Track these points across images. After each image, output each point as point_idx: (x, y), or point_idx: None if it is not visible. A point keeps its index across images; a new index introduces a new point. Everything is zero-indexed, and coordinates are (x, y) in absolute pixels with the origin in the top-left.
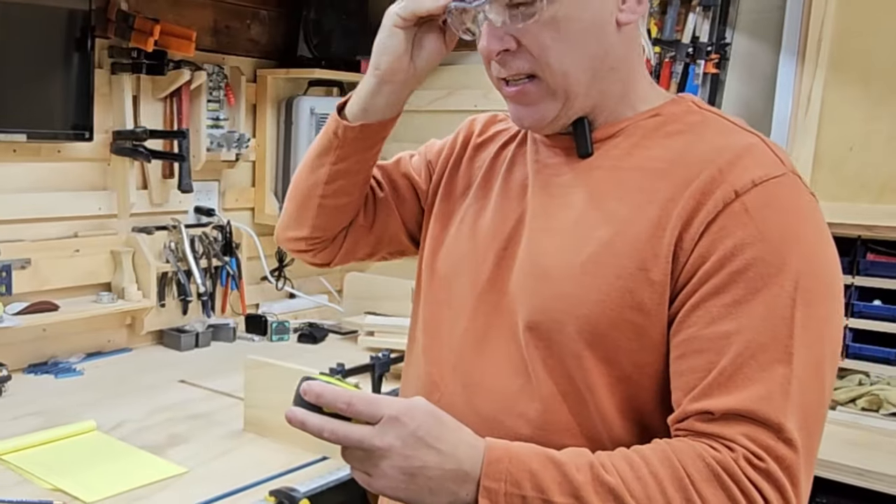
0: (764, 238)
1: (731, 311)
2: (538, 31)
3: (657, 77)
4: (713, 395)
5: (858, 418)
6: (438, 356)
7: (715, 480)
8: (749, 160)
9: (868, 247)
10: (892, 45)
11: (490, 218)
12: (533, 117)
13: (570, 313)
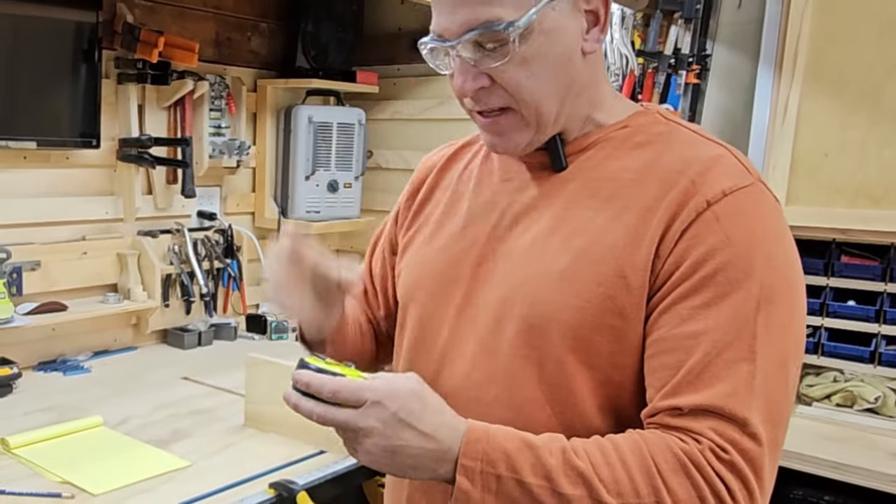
0: (732, 244)
1: (700, 313)
2: (511, 70)
3: (640, 87)
4: (682, 392)
5: (833, 414)
6: (422, 373)
7: (681, 470)
8: (718, 171)
9: (842, 249)
10: (864, 57)
11: (462, 236)
12: (506, 145)
13: (553, 319)
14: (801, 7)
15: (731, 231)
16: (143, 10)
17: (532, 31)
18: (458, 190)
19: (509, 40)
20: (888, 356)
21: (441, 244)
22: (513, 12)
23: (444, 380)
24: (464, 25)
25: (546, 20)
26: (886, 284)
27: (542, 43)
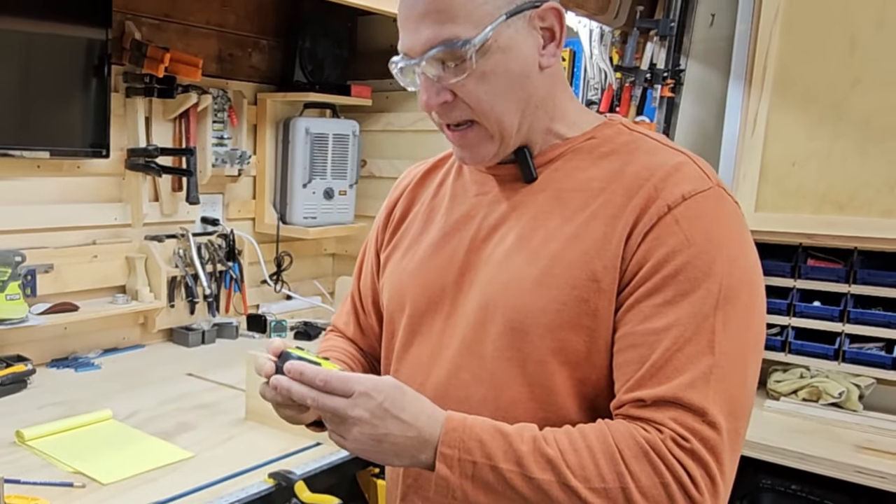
0: (691, 245)
1: (662, 311)
2: (471, 85)
3: (618, 100)
4: (645, 385)
5: (800, 408)
6: (410, 378)
7: (644, 457)
8: (679, 177)
9: (808, 253)
10: (829, 72)
11: (443, 249)
12: (474, 157)
13: (533, 322)
14: (769, 25)
15: (690, 233)
16: (150, 27)
17: (489, 49)
18: (433, 206)
19: (467, 57)
20: (851, 354)
21: (421, 256)
22: (470, 30)
23: (434, 383)
24: (426, 44)
25: (502, 37)
26: (850, 286)
27: (499, 59)
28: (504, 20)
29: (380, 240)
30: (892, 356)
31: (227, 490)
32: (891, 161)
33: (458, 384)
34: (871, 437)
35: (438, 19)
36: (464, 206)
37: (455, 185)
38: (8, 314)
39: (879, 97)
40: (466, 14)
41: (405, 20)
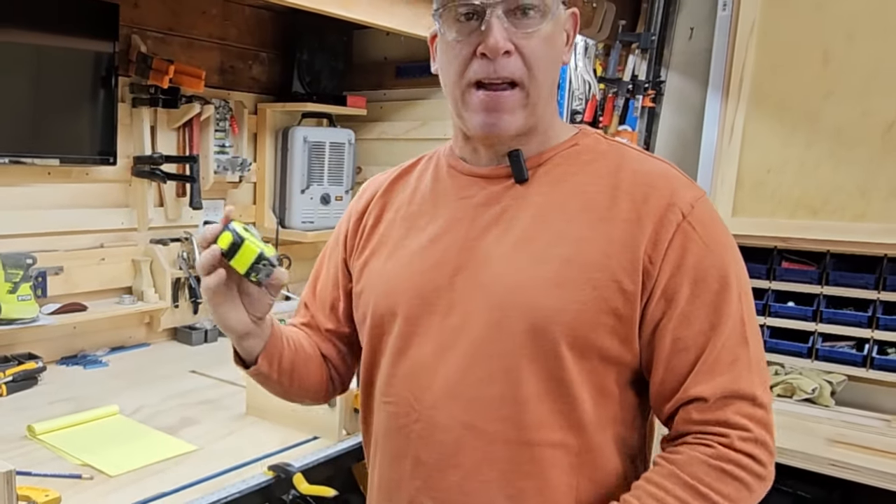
0: (711, 251)
1: (704, 313)
2: (536, 42)
3: (602, 110)
4: (702, 382)
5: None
6: (410, 381)
7: (724, 475)
8: (678, 185)
9: (783, 256)
10: (802, 83)
11: (432, 251)
12: (499, 124)
13: (555, 322)
14: (745, 39)
15: (706, 239)
16: (156, 41)
17: (556, 17)
18: (412, 212)
19: (549, 9)
20: (824, 352)
21: (408, 259)
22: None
23: (442, 383)
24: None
25: (560, 15)
26: (822, 287)
27: (555, 32)
28: (561, 3)
29: (349, 247)
30: (863, 354)
31: (229, 482)
32: (862, 168)
33: (470, 383)
34: (843, 432)
35: None
36: (449, 210)
37: (436, 190)
38: (20, 314)
39: (851, 107)
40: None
41: None
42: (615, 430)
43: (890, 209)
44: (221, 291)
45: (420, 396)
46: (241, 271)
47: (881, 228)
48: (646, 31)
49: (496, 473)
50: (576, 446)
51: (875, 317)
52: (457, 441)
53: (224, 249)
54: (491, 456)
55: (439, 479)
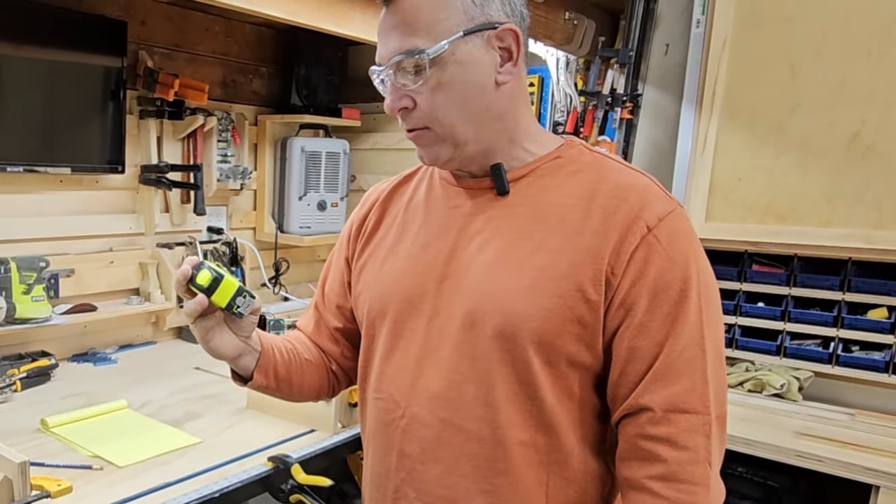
0: (673, 262)
1: (662, 325)
2: (428, 93)
3: (582, 121)
4: (652, 391)
5: (746, 398)
6: (396, 378)
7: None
8: (651, 198)
9: (753, 259)
10: (771, 96)
11: (422, 257)
12: (429, 156)
13: (523, 328)
14: (718, 54)
15: (670, 251)
16: (161, 56)
17: (445, 61)
18: (407, 219)
19: (423, 66)
20: (792, 350)
21: (400, 264)
22: (429, 42)
23: (424, 384)
24: (392, 52)
25: (459, 52)
26: (790, 289)
27: (454, 71)
28: (461, 36)
29: (351, 249)
30: (829, 352)
31: (231, 472)
32: (827, 176)
33: (451, 384)
34: (810, 425)
35: (404, 32)
36: (439, 218)
37: (428, 199)
38: (34, 314)
39: (817, 119)
40: (428, 28)
41: (379, 33)
42: (584, 431)
43: (854, 215)
44: (208, 325)
45: (405, 394)
46: (222, 305)
47: (845, 233)
48: (624, 47)
49: (472, 468)
50: (545, 445)
51: (840, 316)
52: (437, 437)
53: (205, 287)
54: (468, 452)
55: (422, 472)
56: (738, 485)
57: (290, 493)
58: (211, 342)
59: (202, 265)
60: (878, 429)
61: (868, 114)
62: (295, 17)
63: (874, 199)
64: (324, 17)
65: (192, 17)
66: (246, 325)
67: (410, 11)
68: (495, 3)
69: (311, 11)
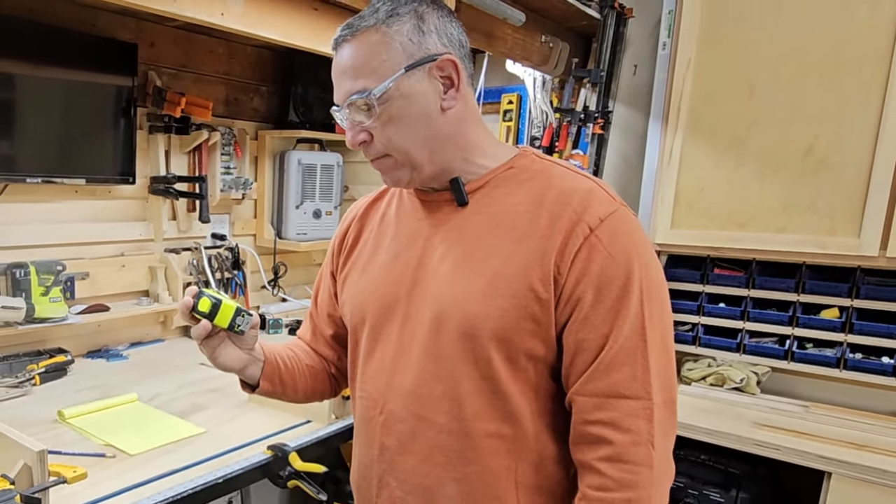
0: (615, 260)
1: (605, 318)
2: (381, 127)
3: (557, 136)
4: (598, 379)
5: (708, 392)
6: (375, 378)
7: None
8: (593, 201)
9: (715, 263)
10: (731, 114)
11: (394, 266)
12: (392, 180)
13: (482, 328)
14: (682, 74)
15: (611, 249)
16: (169, 76)
17: (391, 97)
18: (381, 231)
19: (372, 104)
20: (751, 347)
21: (375, 274)
22: (375, 82)
23: (398, 382)
24: (345, 94)
25: (403, 87)
26: (749, 290)
27: (401, 105)
28: (403, 73)
29: (335, 263)
30: (784, 349)
31: (233, 459)
32: (783, 187)
33: (422, 382)
34: (768, 416)
35: (353, 75)
36: (408, 230)
37: (399, 213)
38: (51, 314)
39: (774, 135)
40: (372, 70)
41: (333, 77)
42: (546, 419)
43: (808, 223)
44: (214, 345)
45: (382, 392)
46: (224, 326)
47: (800, 239)
48: (596, 68)
49: (444, 459)
50: (511, 435)
51: (795, 316)
52: (411, 431)
53: (206, 312)
54: (440, 444)
55: (400, 462)
56: (700, 471)
57: (288, 479)
58: (218, 359)
59: (202, 294)
60: (831, 420)
61: (821, 130)
62: (292, 40)
63: (826, 208)
64: (319, 40)
65: (197, 41)
66: (248, 339)
67: (355, 56)
68: (432, 37)
69: (307, 35)
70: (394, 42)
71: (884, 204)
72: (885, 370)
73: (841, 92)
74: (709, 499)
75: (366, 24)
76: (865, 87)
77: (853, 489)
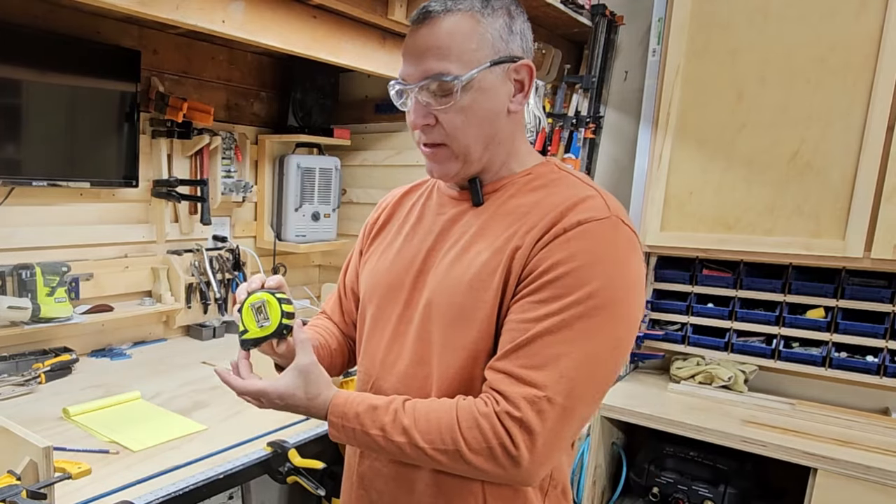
0: (574, 259)
1: (536, 307)
2: (452, 114)
3: (550, 141)
4: (508, 359)
5: (696, 390)
6: (372, 357)
7: (475, 426)
8: (582, 207)
9: (704, 265)
10: (719, 119)
11: (406, 254)
12: (440, 171)
13: (467, 317)
14: (672, 80)
15: (575, 250)
16: (171, 82)
17: (472, 87)
18: (406, 221)
19: (454, 90)
20: (738, 346)
21: (390, 260)
22: (460, 69)
23: (391, 362)
24: (423, 73)
25: (484, 80)
26: (737, 291)
27: (477, 97)
28: (488, 67)
29: (364, 243)
30: (771, 348)
31: (234, 456)
32: (770, 190)
33: (411, 364)
34: (755, 413)
35: (438, 55)
36: (427, 223)
37: (425, 206)
38: (57, 314)
39: (761, 139)
40: (460, 55)
41: (410, 52)
42: None
43: (794, 225)
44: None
45: (375, 369)
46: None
47: (786, 241)
48: (587, 74)
49: None
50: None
51: (781, 316)
52: None
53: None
54: None
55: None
56: (689, 467)
57: (288, 474)
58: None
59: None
60: (816, 417)
61: (807, 134)
62: (292, 46)
63: (812, 211)
64: (318, 46)
65: (198, 47)
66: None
67: (445, 37)
68: (517, 39)
69: (306, 42)
70: (486, 33)
71: (868, 206)
72: (869, 369)
73: (826, 97)
74: (697, 494)
75: (461, 7)
76: (850, 92)
77: (838, 484)
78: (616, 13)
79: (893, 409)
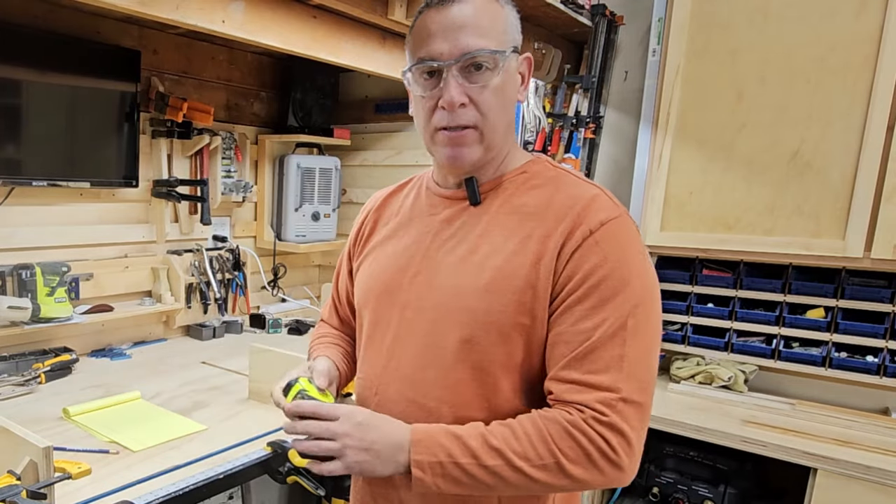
0: (609, 261)
1: (588, 314)
2: (488, 93)
3: (550, 141)
4: (573, 369)
5: (696, 389)
6: (374, 362)
7: (568, 436)
8: (596, 206)
9: (704, 264)
10: (719, 119)
11: (401, 256)
12: (464, 158)
13: (482, 321)
14: (671, 80)
15: (607, 252)
16: (171, 82)
17: (505, 68)
18: (396, 223)
19: (496, 66)
20: (738, 346)
21: (384, 262)
22: (498, 45)
23: (395, 366)
24: (464, 49)
25: (510, 64)
26: (737, 291)
27: (507, 80)
28: (513, 51)
29: (352, 251)
30: (771, 348)
31: (234, 456)
32: (770, 190)
33: (414, 367)
34: (755, 413)
35: (476, 32)
36: (419, 224)
37: (413, 207)
38: (57, 314)
39: (760, 139)
40: (496, 35)
41: (441, 29)
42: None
43: (793, 225)
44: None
45: (379, 374)
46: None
47: (786, 241)
48: (587, 74)
49: None
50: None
51: (781, 316)
52: (403, 412)
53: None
54: None
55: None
56: (689, 467)
57: (287, 474)
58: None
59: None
60: (816, 417)
61: (807, 134)
62: (291, 46)
63: (812, 211)
64: (318, 46)
65: (198, 47)
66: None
67: (481, 15)
68: (520, 34)
69: (306, 42)
70: (509, 20)
71: (868, 206)
72: (868, 369)
73: (826, 97)
74: (697, 494)
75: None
76: (850, 92)
77: (838, 484)
78: (616, 13)
79: (893, 409)
